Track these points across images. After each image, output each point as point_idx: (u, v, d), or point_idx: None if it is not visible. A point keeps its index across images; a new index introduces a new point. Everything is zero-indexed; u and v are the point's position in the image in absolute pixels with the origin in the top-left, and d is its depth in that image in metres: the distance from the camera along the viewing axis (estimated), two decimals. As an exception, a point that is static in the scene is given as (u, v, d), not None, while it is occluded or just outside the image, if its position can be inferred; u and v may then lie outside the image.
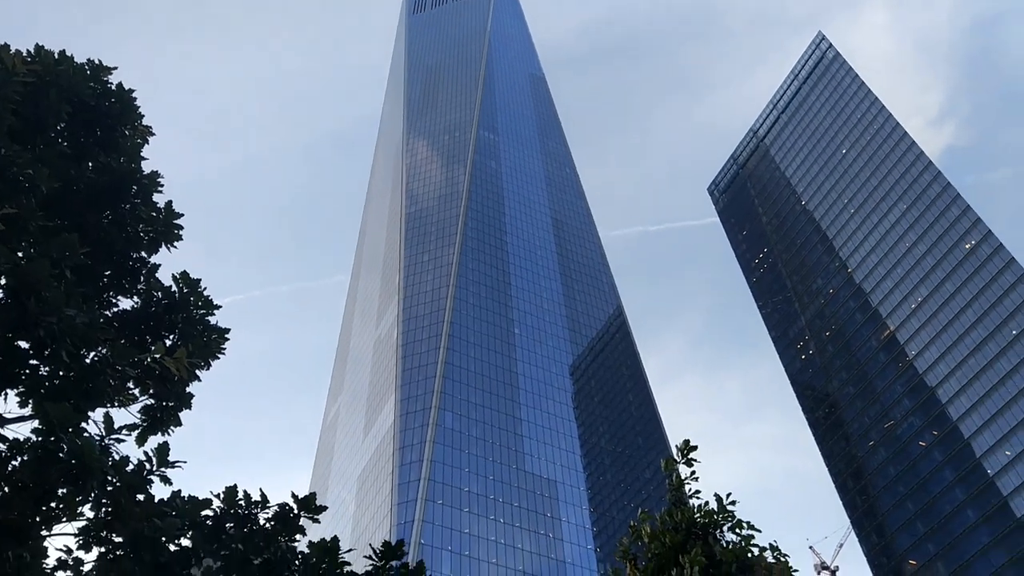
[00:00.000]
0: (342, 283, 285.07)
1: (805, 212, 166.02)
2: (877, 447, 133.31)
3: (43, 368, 10.77)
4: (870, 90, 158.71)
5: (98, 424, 10.47)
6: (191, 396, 11.95)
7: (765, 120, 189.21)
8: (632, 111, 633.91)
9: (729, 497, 16.27)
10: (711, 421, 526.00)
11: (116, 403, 11.35)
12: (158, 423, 11.53)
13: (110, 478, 9.57)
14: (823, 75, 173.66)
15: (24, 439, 10.13)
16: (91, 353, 11.04)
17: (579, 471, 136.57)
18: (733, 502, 16.15)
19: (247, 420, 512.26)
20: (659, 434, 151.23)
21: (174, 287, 12.41)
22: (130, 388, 11.53)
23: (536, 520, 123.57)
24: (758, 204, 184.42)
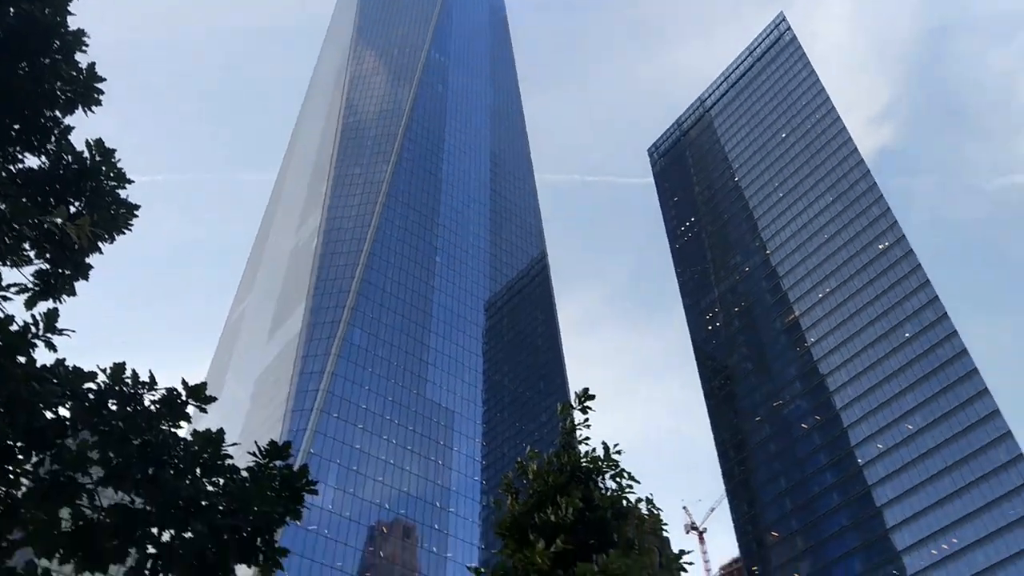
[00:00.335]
0: (270, 181, 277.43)
1: (736, 188, 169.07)
2: (763, 423, 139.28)
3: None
4: (819, 79, 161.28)
5: (-15, 278, 9.97)
6: (90, 267, 11.44)
7: (715, 91, 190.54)
8: (588, 57, 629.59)
9: (616, 447, 16.78)
10: (617, 376, 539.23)
11: (8, 262, 10.82)
12: (51, 288, 11.01)
13: (-9, 335, 9.17)
14: (777, 56, 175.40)
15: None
16: (-13, 205, 10.46)
17: (477, 404, 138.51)
18: (619, 452, 16.67)
19: (146, 308, 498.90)
20: (561, 380, 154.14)
21: (86, 153, 11.78)
22: (25, 249, 10.99)
23: (428, 446, 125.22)
24: (694, 173, 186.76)
